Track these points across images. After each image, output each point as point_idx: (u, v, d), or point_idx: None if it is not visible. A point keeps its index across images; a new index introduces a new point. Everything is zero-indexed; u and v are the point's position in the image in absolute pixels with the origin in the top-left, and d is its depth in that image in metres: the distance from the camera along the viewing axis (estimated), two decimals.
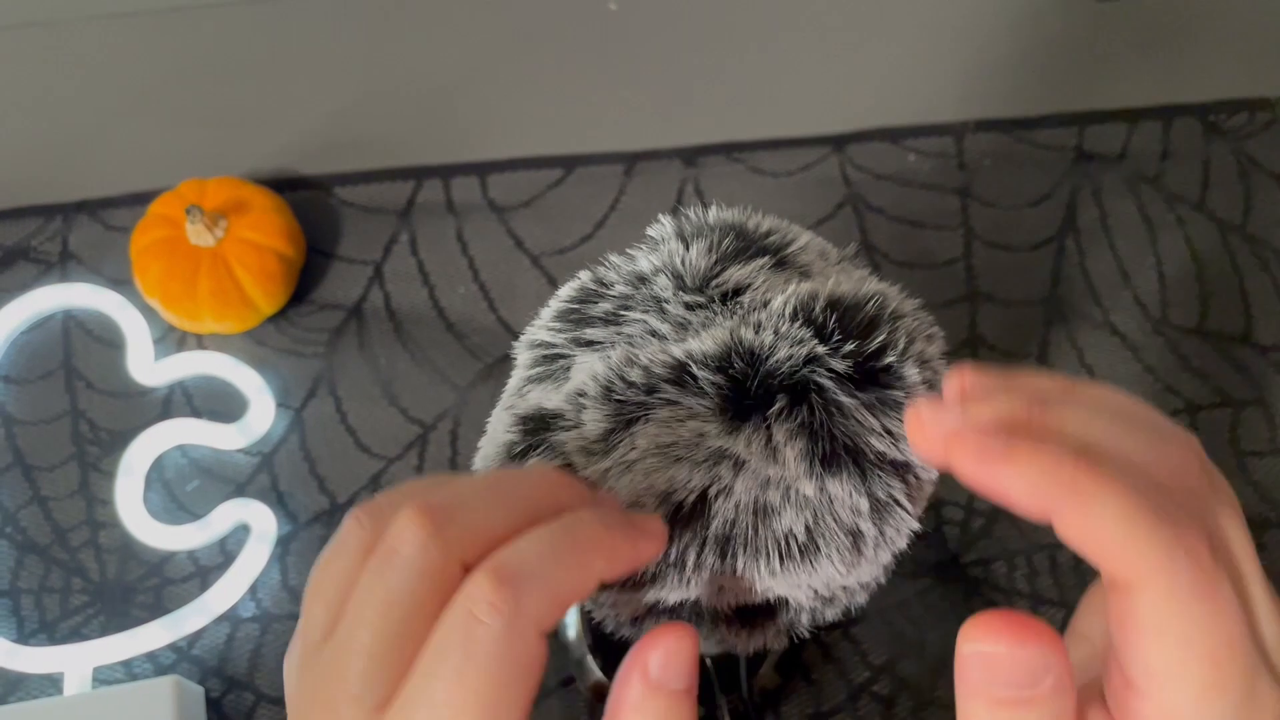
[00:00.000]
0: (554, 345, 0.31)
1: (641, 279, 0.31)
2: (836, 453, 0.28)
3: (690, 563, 0.28)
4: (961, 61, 0.60)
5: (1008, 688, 0.21)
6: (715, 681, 0.44)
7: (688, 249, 0.31)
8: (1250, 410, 0.52)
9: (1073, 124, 0.58)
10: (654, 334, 0.30)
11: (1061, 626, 0.47)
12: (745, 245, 0.31)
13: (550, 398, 0.30)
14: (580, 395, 0.29)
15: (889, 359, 0.28)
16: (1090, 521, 0.22)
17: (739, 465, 0.28)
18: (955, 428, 0.24)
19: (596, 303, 0.31)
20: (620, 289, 0.31)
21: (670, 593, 0.29)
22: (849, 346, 0.28)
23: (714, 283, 0.30)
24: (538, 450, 0.29)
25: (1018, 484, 0.23)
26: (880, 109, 0.59)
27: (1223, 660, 0.23)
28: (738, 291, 0.30)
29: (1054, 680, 0.22)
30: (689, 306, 0.30)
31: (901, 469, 0.29)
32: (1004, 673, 0.21)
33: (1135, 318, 0.54)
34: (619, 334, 0.30)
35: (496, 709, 0.23)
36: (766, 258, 0.31)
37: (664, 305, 0.30)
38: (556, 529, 0.25)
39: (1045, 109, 0.59)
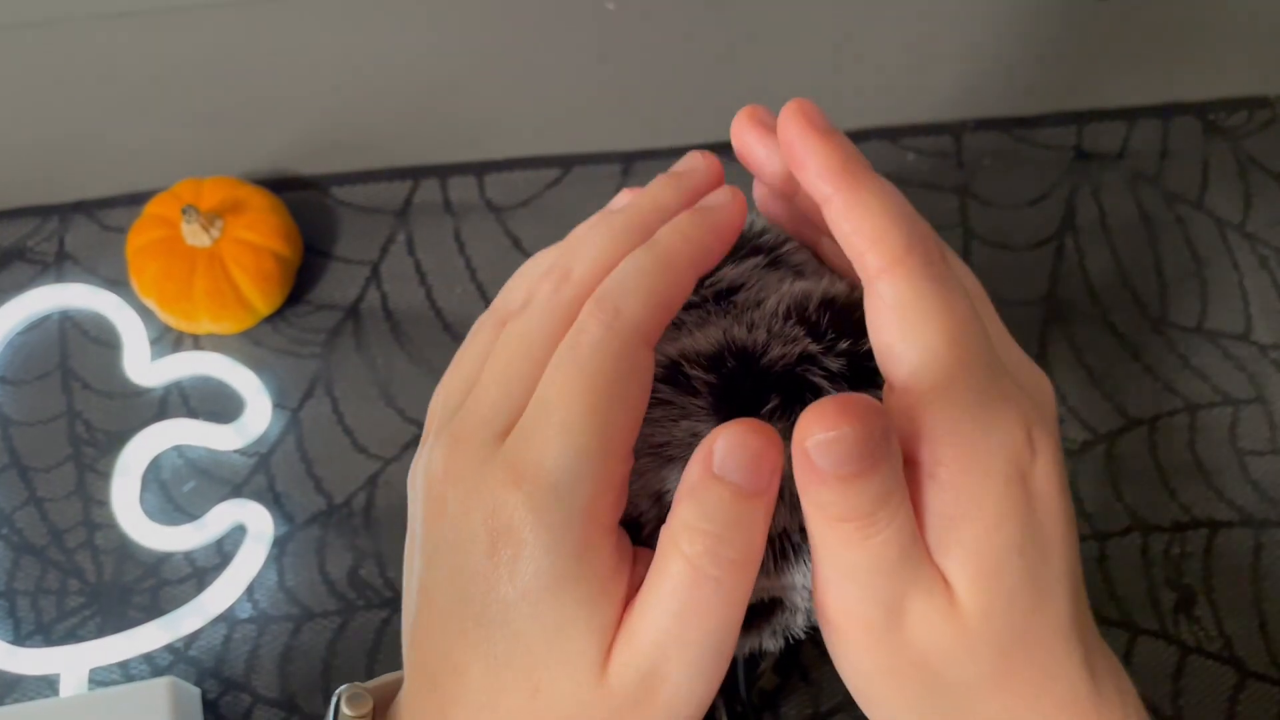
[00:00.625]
0: None
1: None
2: None
3: None
4: (960, 60, 0.60)
5: (854, 462, 0.23)
6: None
7: None
8: (1250, 409, 0.52)
9: (1072, 123, 0.58)
10: None
11: None
12: (739, 244, 0.31)
13: None
14: None
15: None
16: (857, 206, 0.26)
17: None
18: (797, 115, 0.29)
19: None
20: None
21: None
22: (843, 345, 0.28)
23: (708, 281, 0.30)
24: None
25: (820, 157, 0.27)
26: (878, 108, 0.59)
27: (960, 338, 0.25)
28: (731, 290, 0.30)
29: (887, 441, 0.23)
30: (684, 305, 0.30)
31: None
32: (849, 450, 0.23)
33: (1134, 317, 0.54)
34: None
35: (603, 405, 0.25)
36: (760, 256, 0.31)
37: None
38: (644, 250, 0.27)
39: (1044, 108, 0.59)
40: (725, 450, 0.24)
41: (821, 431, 0.23)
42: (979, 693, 0.25)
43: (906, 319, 0.25)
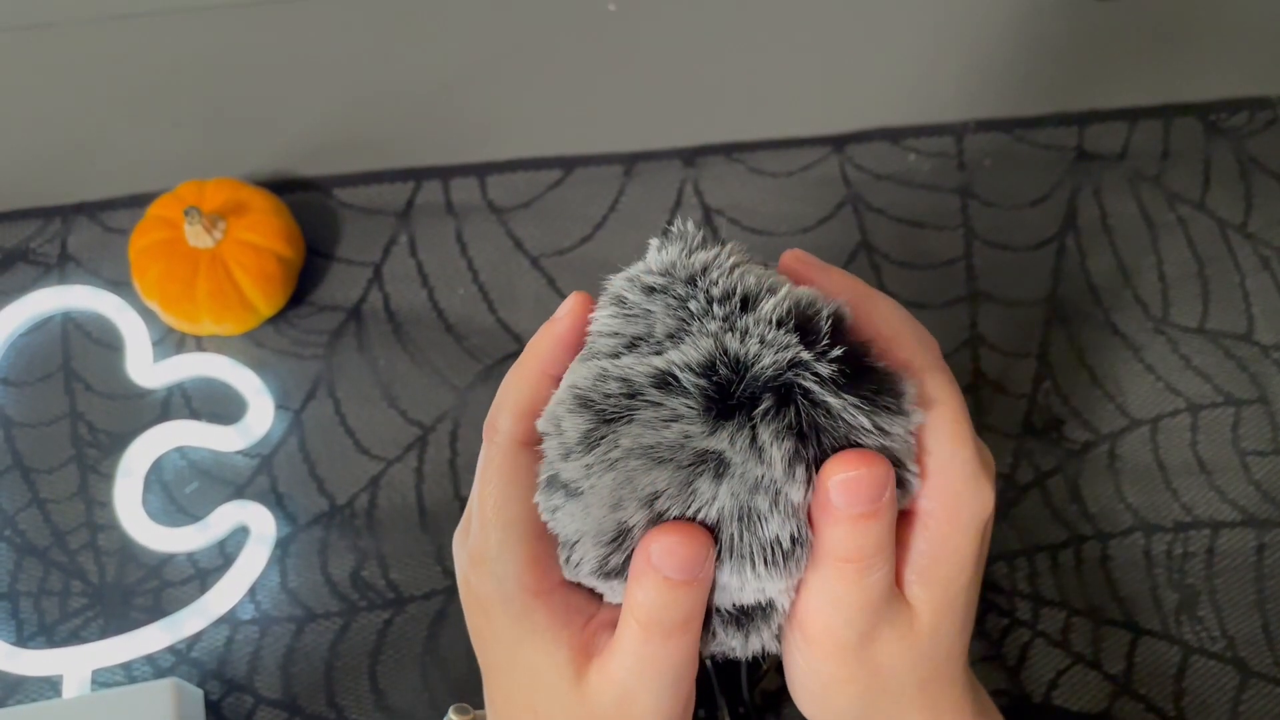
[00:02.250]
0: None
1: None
2: (826, 455, 0.28)
3: None
4: (961, 61, 0.60)
5: (866, 503, 0.28)
6: (716, 683, 0.44)
7: (662, 251, 0.31)
8: (1252, 409, 0.52)
9: (1073, 123, 0.58)
10: (614, 334, 0.30)
11: (1064, 629, 0.47)
12: (710, 240, 0.31)
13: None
14: (557, 405, 0.29)
15: (880, 362, 0.29)
16: (876, 310, 0.31)
17: (723, 470, 0.28)
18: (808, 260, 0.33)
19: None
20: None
21: None
22: (837, 351, 0.28)
23: (678, 265, 0.30)
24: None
25: (835, 282, 0.32)
26: (880, 109, 0.59)
27: (959, 420, 0.30)
28: (727, 296, 0.30)
29: (890, 491, 0.28)
30: (649, 290, 0.30)
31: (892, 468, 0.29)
32: (863, 490, 0.28)
33: (1136, 317, 0.54)
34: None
35: (502, 502, 0.31)
36: (760, 266, 0.31)
37: (623, 296, 0.31)
38: (509, 371, 0.33)
39: (1045, 109, 0.59)
40: (659, 553, 0.28)
41: (843, 471, 0.28)
42: (910, 694, 0.32)
43: (942, 415, 0.30)
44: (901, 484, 0.30)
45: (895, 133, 0.58)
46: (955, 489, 0.30)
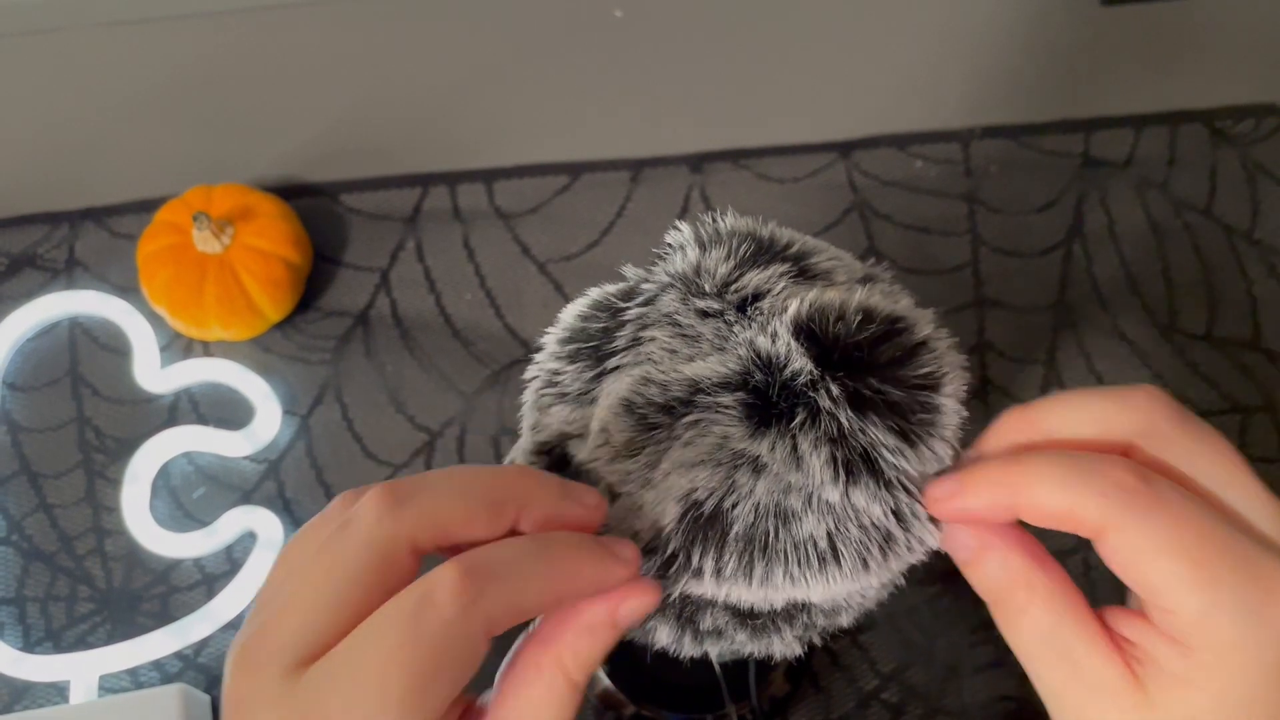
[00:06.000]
0: (564, 376, 0.31)
1: (650, 300, 0.31)
2: (857, 462, 0.28)
3: (709, 567, 0.28)
4: (968, 68, 0.60)
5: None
6: (725, 688, 0.44)
7: (705, 253, 0.31)
8: (1259, 416, 0.52)
9: (1079, 130, 0.58)
10: (671, 352, 0.30)
11: None
12: (762, 250, 0.31)
13: (571, 419, 0.30)
14: (604, 412, 0.29)
15: (910, 372, 0.29)
16: (1038, 500, 0.27)
17: (759, 469, 0.28)
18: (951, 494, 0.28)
19: (612, 330, 0.31)
20: (633, 311, 0.31)
21: (694, 590, 0.29)
22: (840, 374, 0.28)
23: (733, 287, 0.30)
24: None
25: (978, 502, 0.28)
26: (887, 115, 0.59)
27: (1203, 555, 0.25)
28: (756, 297, 0.30)
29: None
30: (703, 314, 0.30)
31: (920, 482, 0.29)
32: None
33: (1143, 324, 0.54)
34: (639, 354, 0.30)
35: (422, 691, 0.23)
36: (787, 265, 0.31)
37: (677, 319, 0.30)
38: (531, 541, 0.26)
39: (1052, 115, 0.59)
40: (628, 613, 0.26)
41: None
42: None
43: (1141, 562, 0.26)
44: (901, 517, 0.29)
45: (902, 139, 0.58)
46: (1216, 636, 0.26)
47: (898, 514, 0.29)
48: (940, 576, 0.49)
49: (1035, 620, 0.28)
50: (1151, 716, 0.26)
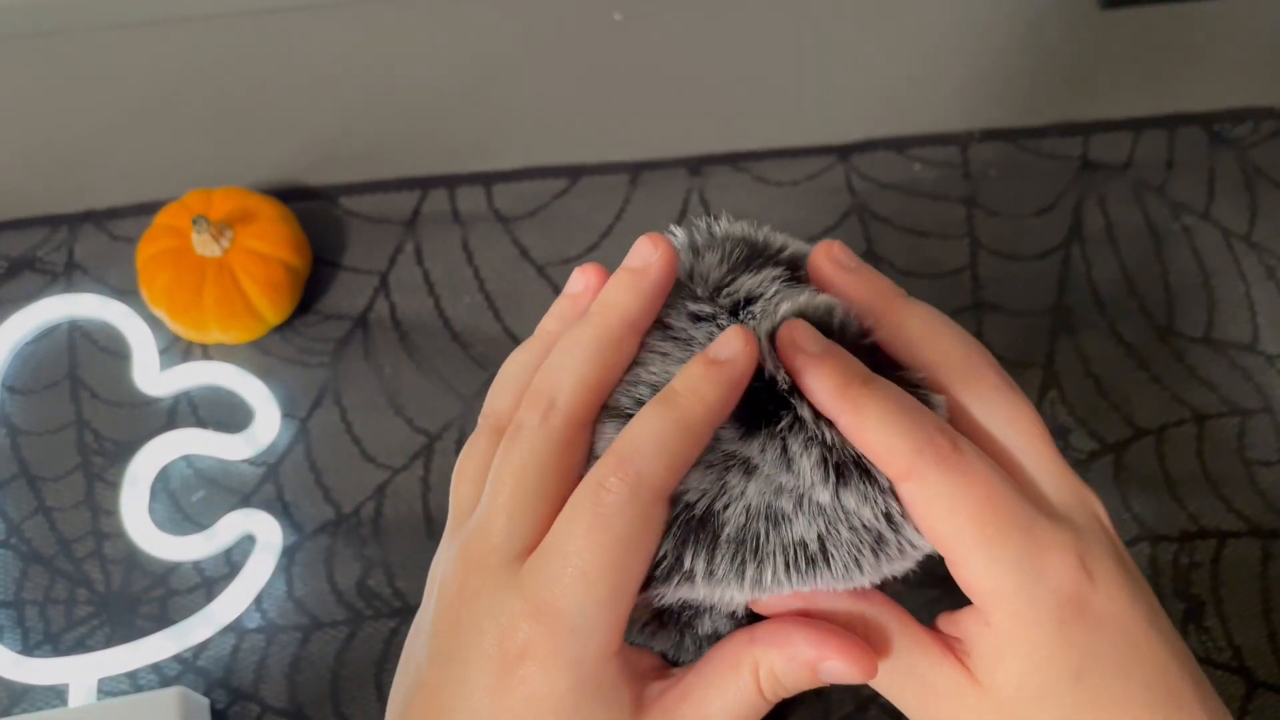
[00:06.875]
0: None
1: None
2: (847, 464, 0.28)
3: (700, 569, 0.28)
4: (966, 71, 0.61)
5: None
6: None
7: (699, 258, 0.31)
8: (1258, 419, 0.52)
9: (1078, 133, 0.58)
10: (663, 355, 0.30)
11: None
12: (755, 255, 0.31)
13: None
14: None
15: (901, 374, 0.29)
16: (861, 429, 0.28)
17: (751, 470, 0.28)
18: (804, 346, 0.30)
19: None
20: None
21: (687, 595, 0.29)
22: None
23: (725, 291, 0.30)
24: None
25: (821, 382, 0.28)
26: (885, 119, 0.59)
27: (988, 516, 0.28)
28: (749, 300, 0.30)
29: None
30: (695, 318, 0.30)
31: None
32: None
33: (1142, 327, 0.54)
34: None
35: (620, 560, 0.28)
36: (780, 268, 0.31)
37: (669, 322, 0.30)
38: (663, 411, 0.28)
39: (1050, 118, 0.59)
40: (827, 670, 0.29)
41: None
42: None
43: (934, 514, 0.29)
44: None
45: (900, 142, 0.58)
46: (1001, 588, 0.29)
47: (889, 516, 0.29)
48: (940, 580, 0.49)
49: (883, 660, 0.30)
50: (991, 702, 0.29)
